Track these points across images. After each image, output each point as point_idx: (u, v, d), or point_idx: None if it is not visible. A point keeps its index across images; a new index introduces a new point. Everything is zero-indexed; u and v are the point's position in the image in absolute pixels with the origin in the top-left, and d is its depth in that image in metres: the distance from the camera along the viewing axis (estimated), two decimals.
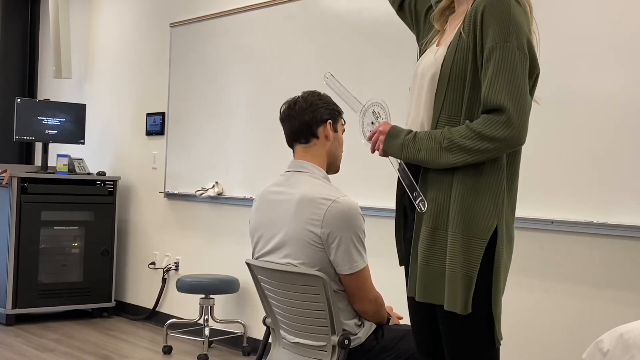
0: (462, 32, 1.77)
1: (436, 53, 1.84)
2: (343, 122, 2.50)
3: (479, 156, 1.72)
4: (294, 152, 2.45)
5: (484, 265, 1.73)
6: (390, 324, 2.45)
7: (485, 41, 1.72)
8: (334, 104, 2.45)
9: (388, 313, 2.46)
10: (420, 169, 1.85)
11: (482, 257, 1.72)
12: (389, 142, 1.84)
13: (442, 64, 1.80)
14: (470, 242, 1.72)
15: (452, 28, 1.88)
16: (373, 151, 1.90)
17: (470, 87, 1.76)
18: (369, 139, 1.92)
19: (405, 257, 1.97)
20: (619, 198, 2.92)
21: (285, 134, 2.45)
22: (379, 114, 1.95)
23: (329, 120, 2.41)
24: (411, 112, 1.92)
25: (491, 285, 1.76)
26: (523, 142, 1.76)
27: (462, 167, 1.75)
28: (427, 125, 1.85)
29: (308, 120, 2.39)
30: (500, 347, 1.86)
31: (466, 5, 1.84)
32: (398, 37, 3.73)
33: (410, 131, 1.84)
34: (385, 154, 1.86)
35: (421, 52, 2.00)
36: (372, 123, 1.95)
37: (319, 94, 2.45)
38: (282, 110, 2.45)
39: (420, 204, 1.79)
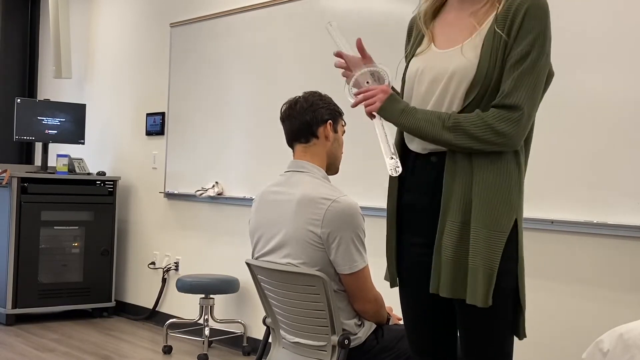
0: (498, 30, 1.77)
1: (465, 53, 1.80)
2: (343, 124, 2.50)
3: (481, 146, 1.74)
4: (293, 152, 2.45)
5: (505, 258, 1.76)
6: (390, 324, 2.45)
7: (523, 41, 1.75)
8: (335, 104, 2.46)
9: (388, 313, 2.46)
10: (443, 162, 1.81)
11: (502, 251, 1.75)
12: (390, 103, 1.82)
13: (479, 64, 1.77)
14: (492, 236, 1.74)
15: (464, 26, 1.84)
16: (358, 104, 1.86)
17: (499, 84, 1.78)
18: (361, 92, 1.87)
19: (396, 276, 1.96)
20: (619, 198, 2.92)
21: (285, 133, 2.45)
22: (378, 77, 1.92)
23: (330, 121, 2.41)
24: None
25: (517, 279, 1.80)
26: (519, 145, 1.80)
27: (482, 161, 1.76)
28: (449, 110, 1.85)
29: (309, 120, 2.39)
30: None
31: (485, 4, 1.82)
32: (398, 37, 3.73)
33: (408, 103, 1.85)
34: (381, 111, 1.83)
35: (408, 58, 1.97)
36: (368, 82, 1.91)
37: (320, 94, 2.45)
38: (282, 110, 2.45)
39: (395, 168, 1.78)
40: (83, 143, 5.85)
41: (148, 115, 5.60)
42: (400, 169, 1.79)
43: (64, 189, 5.44)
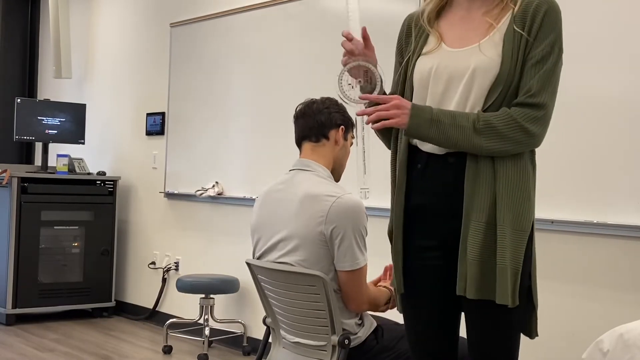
0: (517, 29, 1.78)
1: (485, 51, 1.78)
2: (353, 135, 2.51)
3: (512, 146, 1.75)
4: (300, 150, 2.46)
5: (525, 259, 1.78)
6: (390, 304, 2.45)
7: (543, 41, 1.78)
8: (349, 115, 2.48)
9: (386, 303, 2.46)
10: (462, 163, 1.79)
11: (525, 250, 1.77)
12: (417, 116, 1.75)
13: (502, 62, 1.77)
14: (518, 235, 1.75)
15: (477, 24, 1.84)
16: (370, 118, 1.77)
17: (519, 81, 1.79)
18: (368, 99, 1.80)
19: (406, 282, 1.91)
20: (619, 198, 2.92)
21: (295, 131, 2.47)
22: (370, 77, 1.86)
23: (342, 127, 2.45)
24: None
25: (530, 277, 1.82)
26: (541, 143, 1.82)
27: (504, 161, 1.76)
28: (474, 108, 1.83)
29: (323, 121, 2.42)
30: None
31: (499, 3, 1.83)
32: (397, 36, 3.73)
33: (431, 107, 1.79)
34: (410, 128, 1.75)
35: (414, 57, 1.92)
36: (360, 82, 1.85)
37: (336, 101, 2.47)
38: (298, 108, 2.49)
39: (365, 193, 1.83)
40: (83, 143, 5.85)
41: (148, 115, 5.60)
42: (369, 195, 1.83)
43: (64, 189, 5.44)
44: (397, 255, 1.90)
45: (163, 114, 5.45)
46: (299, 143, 2.48)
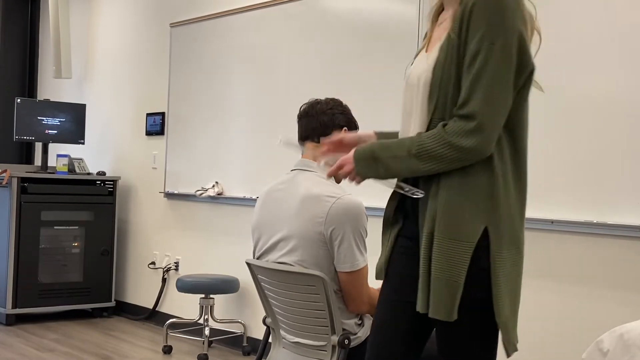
0: (452, 34, 1.69)
1: (428, 59, 1.76)
2: None
3: (447, 165, 1.65)
4: (302, 150, 2.47)
5: (477, 271, 1.65)
6: None
7: (472, 41, 1.64)
8: (353, 117, 2.49)
9: None
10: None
11: (469, 261, 1.63)
12: (359, 164, 1.72)
13: (434, 69, 1.72)
14: (454, 245, 1.64)
15: (441, 31, 1.79)
16: (331, 174, 1.80)
17: (458, 89, 1.68)
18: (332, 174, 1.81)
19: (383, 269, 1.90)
20: (619, 198, 2.92)
21: (298, 131, 2.48)
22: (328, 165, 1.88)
23: (345, 128, 2.45)
24: (402, 123, 1.84)
25: (486, 290, 1.65)
26: (490, 152, 1.65)
27: (450, 171, 1.68)
28: (416, 130, 1.76)
29: (326, 121, 2.42)
30: (500, 346, 1.83)
31: (455, 6, 1.74)
32: (398, 37, 3.74)
33: (372, 145, 1.74)
34: (363, 176, 1.74)
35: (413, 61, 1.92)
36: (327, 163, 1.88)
37: (341, 102, 2.49)
38: (302, 108, 2.49)
39: (415, 193, 1.71)
40: (83, 143, 5.85)
41: (148, 115, 5.60)
42: (418, 193, 1.71)
43: (64, 189, 5.44)
44: (385, 245, 1.92)
45: (163, 114, 5.45)
46: (301, 143, 2.49)
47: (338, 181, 2.39)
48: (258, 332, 4.53)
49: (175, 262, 5.30)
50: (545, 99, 3.12)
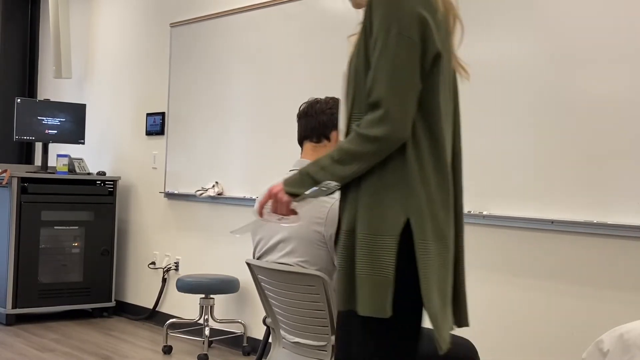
0: (361, 25, 1.69)
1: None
2: None
3: (367, 159, 1.63)
4: (302, 150, 2.46)
5: (404, 264, 1.62)
6: None
7: (372, 31, 1.64)
8: None
9: None
10: None
11: (395, 254, 1.60)
12: (288, 185, 1.70)
13: (349, 64, 1.72)
14: (378, 240, 1.61)
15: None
16: (280, 211, 1.74)
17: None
18: (262, 211, 1.78)
19: None
20: (619, 198, 2.92)
21: (298, 130, 2.47)
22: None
23: None
24: None
25: (419, 285, 1.61)
26: (407, 137, 1.62)
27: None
28: (343, 127, 1.76)
29: (325, 121, 2.41)
30: (500, 346, 1.82)
31: None
32: None
33: (301, 168, 1.73)
34: (294, 194, 1.69)
35: None
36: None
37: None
38: (301, 107, 2.48)
39: (328, 185, 1.67)
40: (83, 143, 5.85)
41: (148, 115, 5.60)
42: (330, 184, 1.68)
43: (64, 189, 5.44)
44: None
45: (163, 114, 5.45)
46: (300, 142, 2.48)
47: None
48: (258, 332, 4.53)
49: (175, 262, 5.30)
50: (545, 99, 3.12)
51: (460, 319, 1.80)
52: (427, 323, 1.66)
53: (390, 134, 1.60)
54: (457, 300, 1.79)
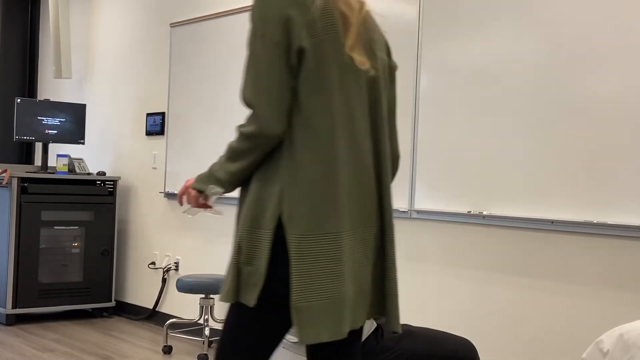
0: None
1: None
2: None
3: (250, 156, 1.71)
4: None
5: (277, 258, 1.66)
6: None
7: None
8: None
9: None
10: None
11: (269, 249, 1.65)
12: (198, 182, 1.83)
13: None
14: (256, 234, 1.69)
15: None
16: (191, 204, 1.87)
17: None
18: (184, 201, 1.90)
19: None
20: (619, 198, 2.92)
21: None
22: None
23: None
24: None
25: (284, 280, 1.66)
26: (279, 132, 1.67)
27: (259, 165, 1.76)
28: None
29: None
30: (499, 346, 1.83)
31: None
32: (397, 36, 3.73)
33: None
34: (202, 188, 1.82)
35: None
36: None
37: None
38: None
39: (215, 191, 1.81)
40: (83, 143, 5.85)
41: (148, 115, 5.60)
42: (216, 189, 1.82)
43: (64, 189, 5.44)
44: None
45: (163, 114, 5.45)
46: None
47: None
48: None
49: (175, 262, 5.30)
50: (545, 99, 3.12)
51: (388, 322, 1.80)
52: (427, 324, 1.66)
53: (260, 131, 1.67)
54: (378, 298, 1.80)
